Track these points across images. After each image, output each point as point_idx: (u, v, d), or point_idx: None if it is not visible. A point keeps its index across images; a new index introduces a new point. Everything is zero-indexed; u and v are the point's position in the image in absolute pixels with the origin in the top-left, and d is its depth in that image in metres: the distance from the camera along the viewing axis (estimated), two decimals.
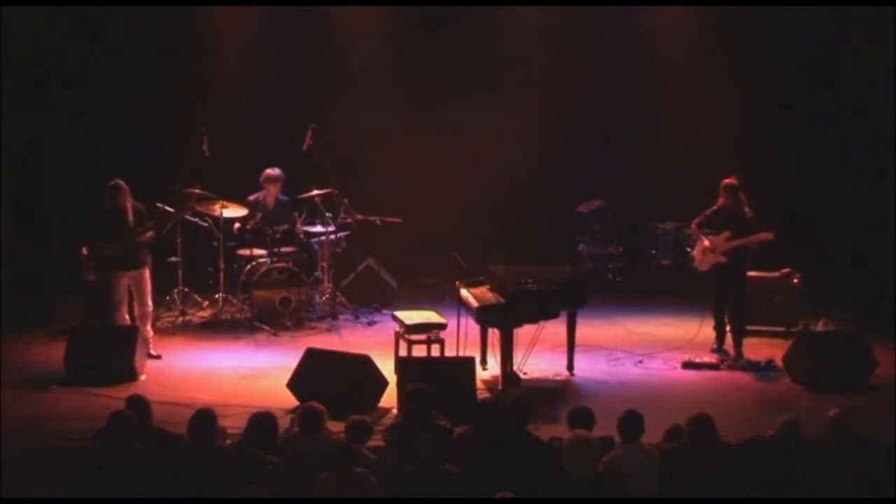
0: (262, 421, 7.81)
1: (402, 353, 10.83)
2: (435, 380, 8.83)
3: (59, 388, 10.54)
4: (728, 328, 11.72)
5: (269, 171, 13.13)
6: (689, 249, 14.09)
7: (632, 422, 7.64)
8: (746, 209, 11.55)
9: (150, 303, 11.57)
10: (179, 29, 14.53)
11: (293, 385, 10.09)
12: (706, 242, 11.58)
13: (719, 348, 11.75)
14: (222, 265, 12.73)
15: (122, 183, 11.45)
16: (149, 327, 11.56)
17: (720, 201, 11.58)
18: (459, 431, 8.12)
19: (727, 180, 11.57)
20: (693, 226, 11.81)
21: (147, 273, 11.54)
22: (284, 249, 12.84)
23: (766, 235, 11.40)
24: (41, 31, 13.36)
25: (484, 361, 11.16)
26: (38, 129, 13.51)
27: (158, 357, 11.47)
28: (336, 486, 7.15)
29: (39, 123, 13.52)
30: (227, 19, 14.75)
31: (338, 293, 13.28)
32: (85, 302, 12.43)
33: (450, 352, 10.67)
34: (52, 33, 13.58)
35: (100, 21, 14.16)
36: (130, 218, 11.42)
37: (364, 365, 10.18)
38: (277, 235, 12.74)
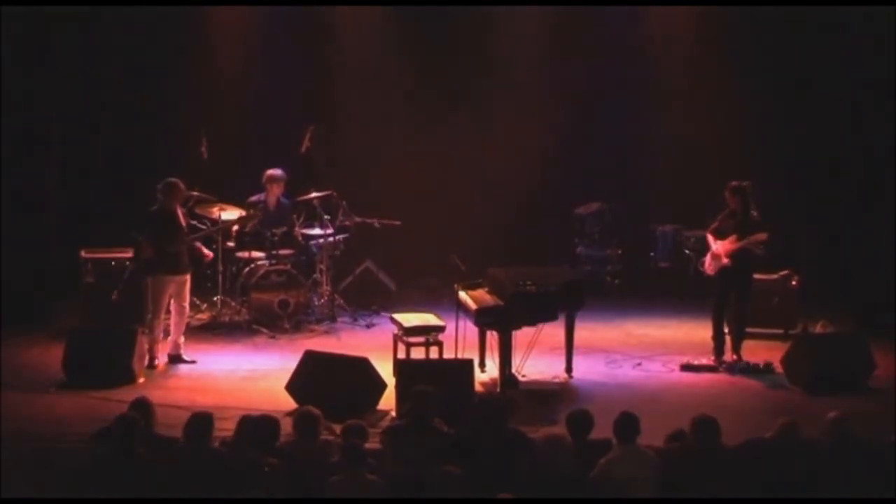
0: (260, 424, 7.79)
1: (401, 355, 10.82)
2: (433, 382, 8.81)
3: (58, 391, 10.54)
4: (727, 330, 11.67)
5: (271, 171, 13.09)
6: (687, 252, 14.14)
7: (627, 423, 7.64)
8: (754, 212, 11.44)
9: (188, 309, 11.66)
10: (178, 30, 14.52)
11: (292, 387, 10.08)
12: (713, 248, 11.46)
13: (718, 359, 11.49)
14: (220, 267, 12.72)
15: (180, 182, 11.42)
16: (182, 334, 11.59)
17: (729, 204, 11.44)
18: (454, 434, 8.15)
19: (731, 183, 11.39)
20: (708, 234, 11.64)
21: (189, 279, 11.59)
22: (283, 252, 12.82)
23: (760, 236, 11.28)
24: (40, 32, 13.36)
25: (482, 364, 11.15)
26: (37, 131, 13.52)
27: (193, 362, 11.48)
28: (347, 490, 7.15)
29: (38, 125, 13.53)
30: (226, 21, 14.76)
31: (336, 295, 13.27)
32: (84, 304, 12.45)
33: (448, 354, 10.67)
34: (50, 33, 13.59)
35: (99, 22, 14.16)
36: (183, 221, 11.47)
37: (362, 367, 10.18)
38: (276, 238, 12.73)
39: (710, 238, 11.56)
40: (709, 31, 14.69)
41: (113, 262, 12.42)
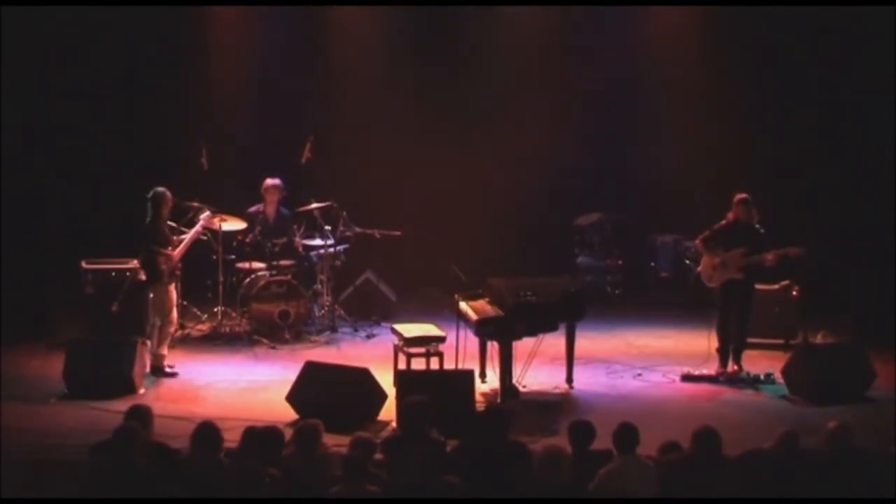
0: (265, 435, 7.79)
1: (401, 366, 10.81)
2: (434, 393, 8.81)
3: (59, 402, 10.53)
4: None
5: (268, 180, 13.10)
6: (687, 262, 14.13)
7: (626, 434, 7.63)
8: (758, 225, 11.38)
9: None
10: (178, 41, 14.55)
11: (292, 398, 10.08)
12: (717, 259, 11.39)
13: (721, 369, 11.43)
14: (221, 278, 12.72)
15: (167, 192, 11.51)
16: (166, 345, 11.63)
17: (732, 216, 11.31)
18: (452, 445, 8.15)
19: (741, 195, 11.31)
20: (698, 242, 11.61)
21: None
22: (283, 262, 12.83)
23: (794, 250, 11.22)
24: (39, 40, 13.38)
25: (483, 374, 11.14)
26: (37, 142, 13.52)
27: (175, 372, 11.48)
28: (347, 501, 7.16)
29: (38, 135, 13.54)
30: (226, 31, 14.79)
31: (336, 306, 13.28)
32: (84, 315, 12.44)
33: (449, 365, 10.67)
34: (49, 44, 13.61)
35: (98, 32, 14.18)
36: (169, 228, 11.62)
37: (363, 378, 10.17)
38: (276, 248, 12.74)
39: (702, 245, 11.50)
40: (711, 39, 14.71)
41: (113, 273, 12.41)
